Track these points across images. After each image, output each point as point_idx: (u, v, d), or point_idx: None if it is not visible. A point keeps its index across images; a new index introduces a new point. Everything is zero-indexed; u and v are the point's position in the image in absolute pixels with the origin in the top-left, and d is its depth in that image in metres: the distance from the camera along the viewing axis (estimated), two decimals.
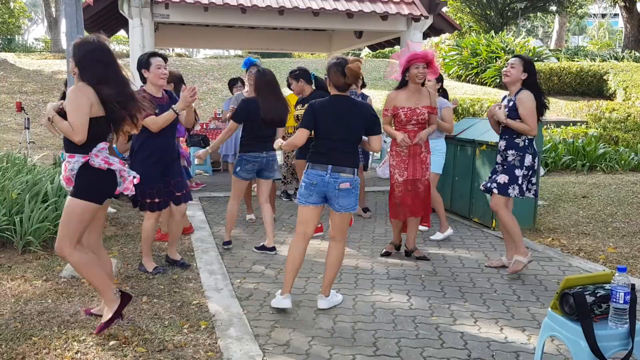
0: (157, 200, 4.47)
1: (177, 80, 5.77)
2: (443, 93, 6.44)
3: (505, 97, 4.75)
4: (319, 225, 5.90)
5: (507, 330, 3.60)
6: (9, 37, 31.04)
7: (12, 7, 30.72)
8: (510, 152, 4.61)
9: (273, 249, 5.27)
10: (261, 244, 5.32)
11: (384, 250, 5.27)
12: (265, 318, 3.75)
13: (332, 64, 3.87)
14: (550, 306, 2.77)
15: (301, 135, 3.86)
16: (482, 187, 4.82)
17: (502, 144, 4.67)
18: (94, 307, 3.76)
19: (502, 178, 4.61)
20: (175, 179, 4.58)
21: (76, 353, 3.18)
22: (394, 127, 4.97)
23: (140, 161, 4.39)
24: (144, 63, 4.39)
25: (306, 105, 4.06)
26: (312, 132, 3.87)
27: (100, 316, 3.49)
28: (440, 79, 6.08)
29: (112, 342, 3.30)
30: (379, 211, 7.11)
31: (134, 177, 3.48)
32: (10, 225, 5.05)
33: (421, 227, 5.83)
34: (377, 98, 14.75)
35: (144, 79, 4.44)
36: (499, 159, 4.76)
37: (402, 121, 4.87)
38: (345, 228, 3.94)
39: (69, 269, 4.45)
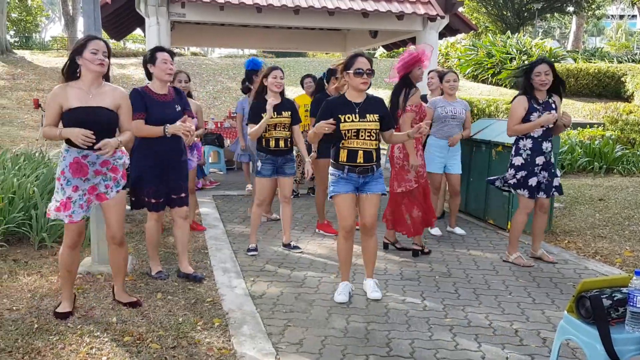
0: (153, 200, 4.29)
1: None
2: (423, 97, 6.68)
3: (534, 102, 4.78)
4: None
5: (522, 333, 3.57)
6: (26, 35, 31.39)
7: (29, 5, 31.06)
8: (553, 153, 4.85)
9: (289, 245, 5.31)
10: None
11: (384, 243, 5.40)
12: (278, 317, 3.75)
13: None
14: (567, 309, 2.74)
15: None
16: (545, 195, 4.91)
17: (549, 145, 4.83)
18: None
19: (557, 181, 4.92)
20: (176, 181, 4.33)
21: (91, 348, 3.20)
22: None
23: (137, 161, 4.22)
24: (149, 58, 4.27)
25: None
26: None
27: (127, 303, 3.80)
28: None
29: (126, 338, 3.33)
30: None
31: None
32: (26, 221, 5.12)
33: (432, 231, 5.92)
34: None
35: (149, 75, 4.29)
36: (541, 160, 4.82)
37: (422, 117, 5.05)
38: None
39: (85, 265, 4.49)
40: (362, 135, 3.90)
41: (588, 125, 13.14)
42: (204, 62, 23.89)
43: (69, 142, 3.46)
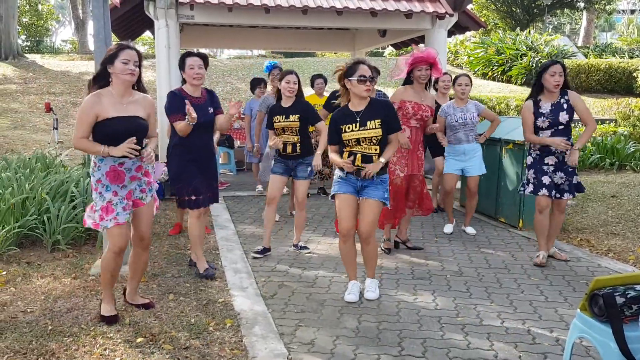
0: (193, 197, 4.42)
1: None
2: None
3: (539, 108, 4.77)
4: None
5: (535, 332, 3.55)
6: (37, 39, 31.61)
7: (40, 10, 31.30)
8: (566, 152, 4.79)
9: (297, 246, 5.31)
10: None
11: (384, 247, 5.34)
12: (289, 317, 3.76)
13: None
14: (579, 307, 2.72)
15: None
16: (570, 195, 4.88)
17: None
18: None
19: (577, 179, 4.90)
20: (209, 180, 4.53)
21: (104, 350, 3.23)
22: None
23: (175, 159, 4.46)
24: (180, 64, 4.45)
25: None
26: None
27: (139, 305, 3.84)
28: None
29: (139, 340, 3.35)
30: None
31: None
32: (39, 224, 5.16)
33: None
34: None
35: (183, 79, 4.49)
36: (552, 160, 4.81)
37: (409, 114, 5.05)
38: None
39: (98, 267, 4.52)
40: (362, 143, 3.91)
41: (600, 122, 13.03)
42: (213, 64, 23.95)
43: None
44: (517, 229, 6.13)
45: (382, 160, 3.92)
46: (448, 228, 6.05)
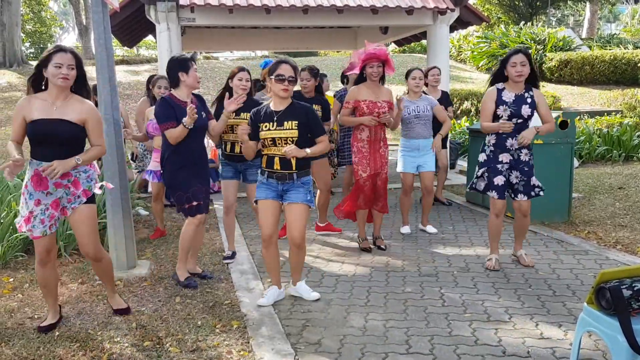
0: (195, 203, 4.31)
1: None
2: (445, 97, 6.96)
3: (503, 95, 4.49)
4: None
5: (543, 326, 3.53)
6: (41, 46, 31.76)
7: (43, 17, 31.46)
8: (524, 150, 4.55)
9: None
10: None
11: (362, 247, 5.32)
12: (296, 317, 3.75)
13: None
14: (587, 301, 2.70)
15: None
16: (525, 196, 4.59)
17: (514, 143, 4.51)
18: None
19: (535, 180, 4.60)
20: (204, 185, 4.41)
21: (112, 354, 3.23)
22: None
23: (170, 168, 4.29)
24: (181, 67, 4.26)
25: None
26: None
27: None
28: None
29: (146, 343, 3.35)
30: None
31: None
32: None
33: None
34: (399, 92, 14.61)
35: (175, 83, 4.30)
36: (506, 158, 4.54)
37: (365, 113, 5.03)
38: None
39: None
40: (278, 143, 3.84)
41: (605, 113, 12.97)
42: (217, 65, 23.99)
43: (32, 154, 3.40)
44: None
45: (308, 150, 3.83)
46: (405, 229, 5.90)
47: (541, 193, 4.61)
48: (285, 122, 3.84)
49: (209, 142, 8.14)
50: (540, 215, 6.05)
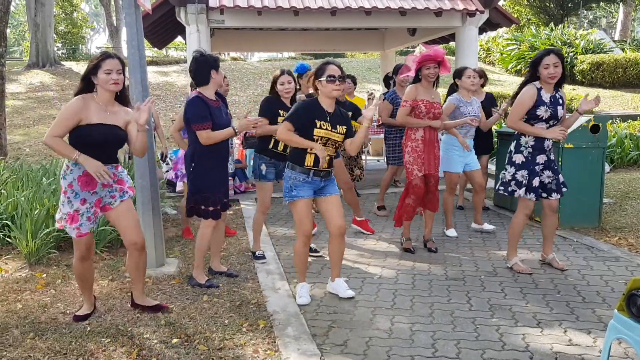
0: (219, 207, 4.34)
1: None
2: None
3: (543, 95, 4.40)
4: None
5: (572, 333, 3.49)
6: (73, 46, 32.39)
7: (75, 18, 32.08)
8: (552, 149, 4.60)
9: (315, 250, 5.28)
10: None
11: (404, 247, 5.34)
12: (322, 318, 3.77)
13: None
14: (617, 307, 2.66)
15: None
16: (558, 194, 4.59)
17: (550, 143, 4.53)
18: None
19: (562, 177, 4.63)
20: (227, 187, 4.45)
21: (141, 350, 3.29)
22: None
23: (201, 169, 4.24)
24: (215, 64, 4.31)
25: None
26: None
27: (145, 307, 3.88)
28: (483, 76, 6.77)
29: (174, 340, 3.41)
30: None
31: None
32: None
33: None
34: None
35: (206, 81, 4.26)
36: (542, 159, 4.52)
37: (422, 113, 5.04)
38: None
39: None
40: (328, 144, 3.95)
41: (638, 117, 12.69)
42: (244, 67, 24.17)
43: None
44: None
45: (365, 125, 3.92)
46: (451, 232, 5.87)
47: (564, 189, 4.65)
48: (338, 126, 3.95)
49: (234, 142, 8.22)
50: (570, 221, 5.97)
